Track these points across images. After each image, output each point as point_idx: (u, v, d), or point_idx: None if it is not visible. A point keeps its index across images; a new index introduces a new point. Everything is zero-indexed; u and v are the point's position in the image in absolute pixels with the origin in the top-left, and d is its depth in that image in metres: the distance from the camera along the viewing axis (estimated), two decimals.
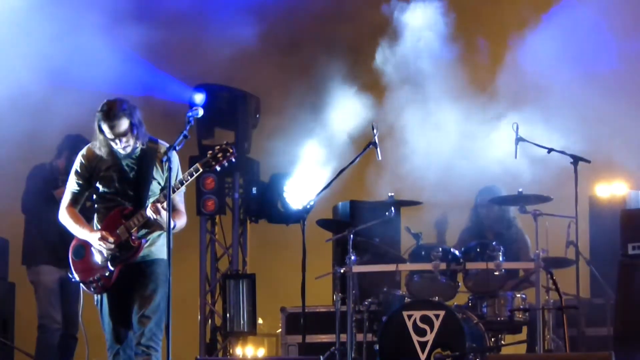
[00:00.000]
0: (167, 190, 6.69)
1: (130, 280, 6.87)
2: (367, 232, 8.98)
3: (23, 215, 9.24)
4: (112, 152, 6.92)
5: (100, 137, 6.87)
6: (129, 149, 6.89)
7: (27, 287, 9.35)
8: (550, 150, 8.73)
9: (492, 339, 8.62)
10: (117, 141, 6.83)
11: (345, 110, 10.04)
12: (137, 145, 6.91)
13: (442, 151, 9.64)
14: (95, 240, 6.84)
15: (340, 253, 9.15)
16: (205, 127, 11.27)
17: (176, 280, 6.64)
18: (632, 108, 9.38)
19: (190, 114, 6.64)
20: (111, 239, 6.80)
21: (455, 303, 8.80)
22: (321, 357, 8.07)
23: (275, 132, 10.91)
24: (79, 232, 6.95)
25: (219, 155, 6.78)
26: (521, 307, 8.60)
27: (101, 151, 6.91)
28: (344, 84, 10.20)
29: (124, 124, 6.81)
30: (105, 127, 6.81)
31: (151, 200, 6.85)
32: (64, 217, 7.02)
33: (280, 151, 10.78)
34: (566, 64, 9.50)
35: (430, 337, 8.31)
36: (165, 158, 6.68)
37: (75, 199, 7.03)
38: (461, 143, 9.71)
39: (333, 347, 8.84)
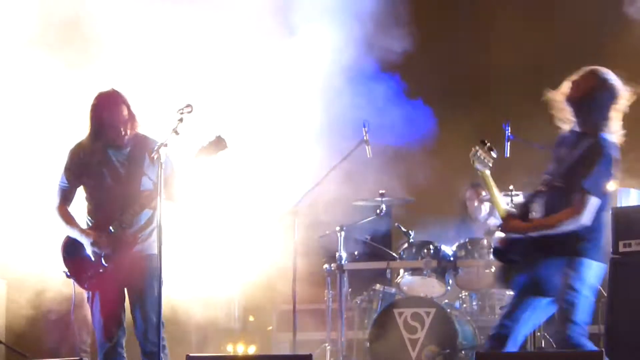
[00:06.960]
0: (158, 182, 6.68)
1: (124, 276, 6.84)
2: (358, 230, 8.98)
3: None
4: (102, 147, 6.89)
5: (92, 131, 6.85)
6: (119, 143, 6.86)
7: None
8: (541, 147, 8.73)
9: (483, 337, 8.62)
10: (109, 134, 6.81)
11: None
12: (128, 139, 6.88)
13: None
14: (88, 245, 6.81)
15: (332, 250, 9.14)
16: None
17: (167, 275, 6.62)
18: None
19: (181, 111, 6.57)
20: (105, 243, 6.78)
21: (446, 300, 8.81)
22: (312, 354, 8.06)
23: None
24: (71, 233, 6.90)
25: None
26: None
27: (92, 146, 6.88)
28: None
29: (115, 116, 6.78)
30: (97, 120, 6.79)
31: (144, 194, 6.81)
32: (55, 217, 6.96)
33: None
34: None
35: (421, 334, 8.32)
36: (156, 154, 6.64)
37: (65, 196, 6.98)
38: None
39: (324, 345, 8.84)
